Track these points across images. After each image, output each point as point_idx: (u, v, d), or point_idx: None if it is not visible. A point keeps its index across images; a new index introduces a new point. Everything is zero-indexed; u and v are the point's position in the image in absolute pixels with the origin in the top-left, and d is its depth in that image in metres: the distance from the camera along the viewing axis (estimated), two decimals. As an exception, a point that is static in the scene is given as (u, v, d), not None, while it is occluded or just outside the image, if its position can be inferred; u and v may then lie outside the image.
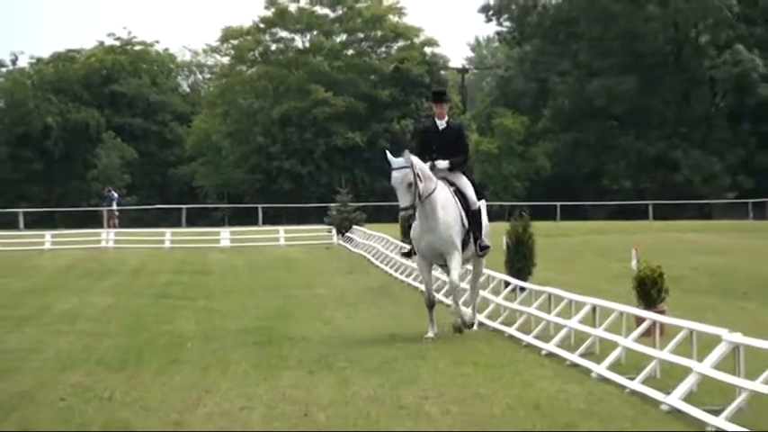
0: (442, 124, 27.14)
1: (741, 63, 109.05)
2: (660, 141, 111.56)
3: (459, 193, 26.57)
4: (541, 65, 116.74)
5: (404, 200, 25.27)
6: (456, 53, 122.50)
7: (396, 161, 25.54)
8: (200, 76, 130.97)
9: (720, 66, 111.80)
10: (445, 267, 28.30)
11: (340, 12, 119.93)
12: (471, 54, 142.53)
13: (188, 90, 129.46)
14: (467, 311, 28.12)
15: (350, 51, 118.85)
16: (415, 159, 25.59)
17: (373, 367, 21.55)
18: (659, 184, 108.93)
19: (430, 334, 25.85)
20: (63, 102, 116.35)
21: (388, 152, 27.14)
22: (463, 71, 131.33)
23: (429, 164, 26.37)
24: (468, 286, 30.40)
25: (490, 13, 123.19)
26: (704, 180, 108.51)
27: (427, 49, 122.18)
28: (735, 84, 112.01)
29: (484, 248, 27.15)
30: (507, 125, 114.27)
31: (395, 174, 25.25)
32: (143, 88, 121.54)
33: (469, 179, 28.13)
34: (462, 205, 26.52)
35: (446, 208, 25.84)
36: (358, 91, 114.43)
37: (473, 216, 26.62)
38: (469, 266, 29.79)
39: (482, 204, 27.90)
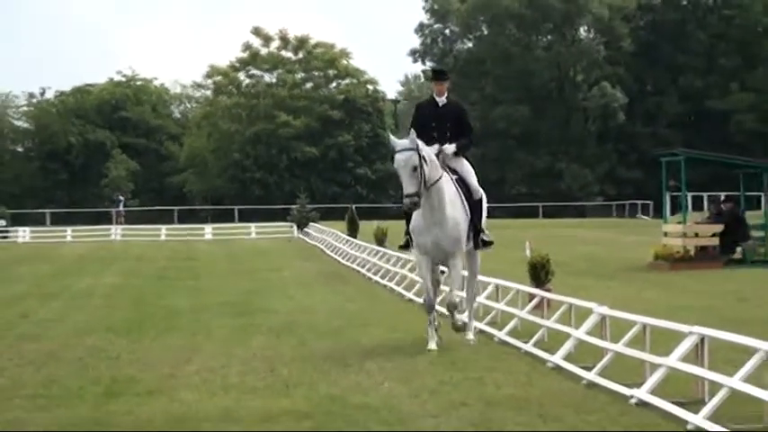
0: (441, 101, 19.42)
1: (606, 96, 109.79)
2: (547, 156, 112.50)
3: (462, 182, 19.03)
4: (456, 96, 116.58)
5: (409, 185, 17.72)
6: (390, 87, 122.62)
7: (399, 142, 18.31)
8: (188, 105, 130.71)
9: (591, 98, 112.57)
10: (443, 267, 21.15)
11: (301, 55, 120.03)
12: (402, 88, 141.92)
13: (179, 116, 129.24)
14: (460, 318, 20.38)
15: (308, 85, 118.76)
16: (421, 142, 18.22)
17: (326, 333, 21.59)
18: (547, 189, 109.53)
19: (432, 345, 18.45)
20: (82, 125, 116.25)
21: (390, 134, 20.52)
22: (396, 101, 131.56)
23: (435, 147, 18.59)
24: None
25: (417, 55, 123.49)
26: (580, 187, 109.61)
27: (369, 86, 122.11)
28: (602, 112, 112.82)
29: (486, 243, 19.69)
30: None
31: (398, 156, 17.97)
32: (144, 114, 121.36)
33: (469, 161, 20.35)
34: (465, 195, 19.10)
35: (453, 201, 18.47)
36: (313, 115, 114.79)
37: (475, 206, 19.21)
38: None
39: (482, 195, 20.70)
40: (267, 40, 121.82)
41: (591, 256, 42.14)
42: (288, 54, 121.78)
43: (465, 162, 18.81)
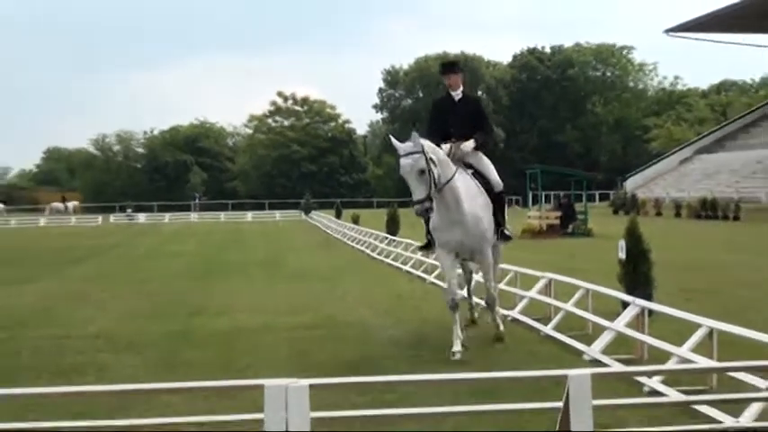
0: (457, 95, 12.80)
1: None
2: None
3: (479, 176, 12.52)
4: (403, 136, 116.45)
5: (418, 191, 11.12)
6: (361, 126, 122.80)
7: (403, 146, 11.43)
8: (237, 138, 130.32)
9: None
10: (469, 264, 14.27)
11: (305, 108, 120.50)
12: (368, 127, 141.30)
13: (232, 145, 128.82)
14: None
15: (309, 126, 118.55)
16: (426, 142, 11.51)
17: (322, 279, 21.36)
18: None
19: (457, 347, 11.32)
20: (174, 150, 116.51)
21: (392, 137, 12.39)
22: (365, 136, 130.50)
23: (449, 145, 12.08)
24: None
25: (377, 107, 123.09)
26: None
27: (346, 125, 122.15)
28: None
29: (507, 238, 13.10)
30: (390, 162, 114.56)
31: (403, 161, 11.38)
32: (211, 144, 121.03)
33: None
34: (485, 188, 12.54)
35: (472, 196, 11.98)
36: (312, 144, 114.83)
37: (496, 200, 12.62)
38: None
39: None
40: (285, 98, 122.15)
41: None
42: (296, 107, 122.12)
43: (482, 156, 12.35)
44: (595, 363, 10.19)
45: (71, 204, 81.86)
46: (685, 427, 7.34)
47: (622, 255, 12.33)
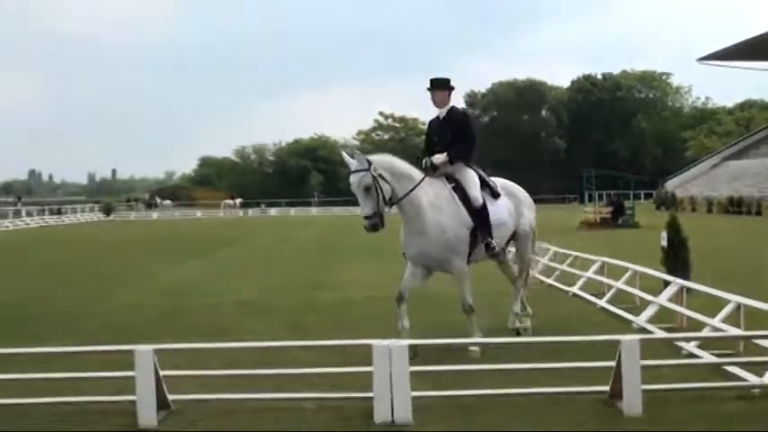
0: (442, 113, 9.73)
1: (557, 144, 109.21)
2: (527, 174, 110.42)
3: (461, 190, 9.46)
4: (482, 149, 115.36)
5: (364, 206, 8.87)
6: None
7: (351, 163, 9.02)
8: (347, 148, 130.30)
9: (551, 145, 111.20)
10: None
11: (401, 124, 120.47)
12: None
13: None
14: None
15: (404, 138, 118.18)
16: (378, 158, 9.18)
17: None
18: (530, 189, 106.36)
19: (404, 334, 8.81)
20: (296, 158, 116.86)
21: (344, 153, 9.60)
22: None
23: (425, 161, 9.58)
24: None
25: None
26: (546, 190, 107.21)
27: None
28: (554, 153, 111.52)
29: (490, 248, 9.53)
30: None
31: (351, 178, 9.00)
32: (328, 153, 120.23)
33: (477, 172, 9.80)
34: (465, 204, 9.42)
35: (438, 207, 9.21)
36: (407, 152, 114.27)
37: (476, 214, 9.39)
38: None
39: (499, 204, 9.84)
40: (385, 117, 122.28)
41: (551, 222, 41.70)
42: (395, 124, 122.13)
43: (467, 171, 9.55)
44: (642, 330, 10.05)
45: (237, 201, 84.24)
46: (717, 384, 7.26)
47: (664, 243, 12.10)
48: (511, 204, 10.00)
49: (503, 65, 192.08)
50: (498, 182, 10.07)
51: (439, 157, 9.41)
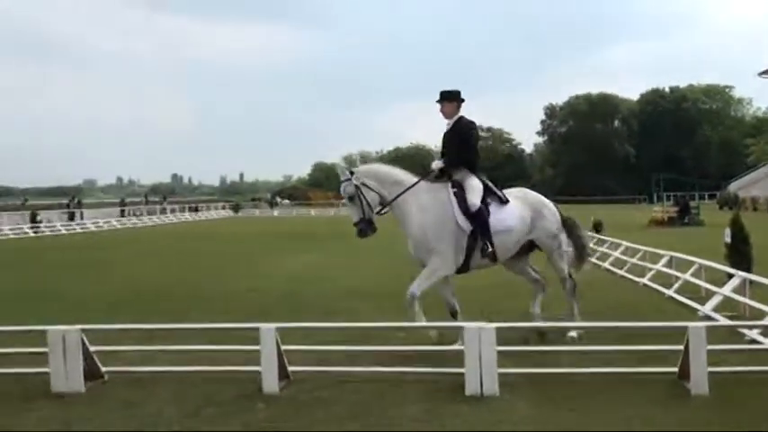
0: (449, 123, 8.79)
1: (626, 150, 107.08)
2: (607, 179, 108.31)
3: (461, 195, 8.48)
4: (560, 155, 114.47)
5: (352, 214, 8.52)
6: (528, 146, 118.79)
7: (340, 174, 8.70)
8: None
9: (621, 151, 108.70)
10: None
11: (489, 134, 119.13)
12: (533, 148, 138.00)
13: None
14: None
15: (491, 146, 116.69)
16: (365, 168, 8.90)
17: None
18: (602, 190, 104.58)
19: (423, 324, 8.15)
20: (395, 165, 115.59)
21: (337, 166, 11.17)
22: (531, 154, 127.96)
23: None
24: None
25: (541, 133, 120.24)
26: (620, 191, 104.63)
27: (518, 146, 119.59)
28: (625, 159, 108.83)
29: (486, 253, 8.39)
30: (549, 172, 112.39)
31: (340, 188, 8.59)
32: (419, 161, 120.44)
33: (483, 180, 8.73)
34: (462, 207, 8.39)
35: (425, 209, 8.39)
36: (493, 159, 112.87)
37: (473, 219, 8.34)
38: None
39: (507, 210, 8.64)
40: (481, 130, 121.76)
41: (622, 220, 40.72)
42: (482, 133, 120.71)
43: (470, 178, 8.62)
44: (707, 318, 9.69)
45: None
46: (778, 367, 6.94)
47: (728, 239, 11.65)
48: (526, 212, 8.83)
49: (578, 79, 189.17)
50: (517, 191, 9.13)
51: (437, 164, 8.75)
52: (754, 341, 8.05)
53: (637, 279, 13.97)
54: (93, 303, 12.41)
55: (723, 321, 9.31)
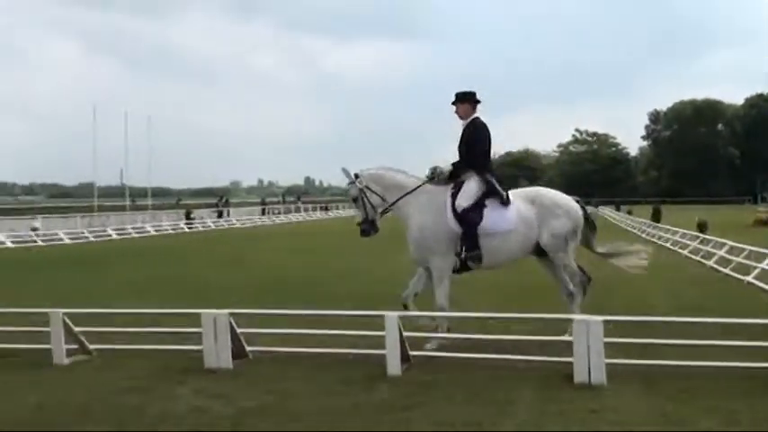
0: (462, 124, 8.00)
1: (728, 150, 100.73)
2: (702, 178, 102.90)
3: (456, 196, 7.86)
4: (665, 159, 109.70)
5: (358, 215, 8.20)
6: (633, 150, 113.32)
7: (345, 177, 8.16)
8: (549, 159, 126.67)
9: (726, 152, 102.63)
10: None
11: (595, 138, 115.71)
12: (638, 152, 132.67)
13: (544, 163, 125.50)
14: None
15: (598, 150, 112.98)
16: (369, 172, 8.10)
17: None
18: (703, 191, 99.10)
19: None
20: (504, 168, 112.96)
21: (343, 170, 8.21)
22: (636, 157, 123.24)
23: (432, 169, 8.14)
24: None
25: (645, 137, 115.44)
26: (720, 192, 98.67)
27: (623, 150, 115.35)
28: (729, 160, 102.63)
29: (469, 255, 7.81)
30: (653, 173, 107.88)
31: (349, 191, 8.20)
32: (530, 162, 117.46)
33: (485, 180, 7.88)
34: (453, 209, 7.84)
35: (425, 210, 7.88)
36: (599, 162, 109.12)
37: (461, 219, 7.72)
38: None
39: (504, 212, 7.89)
40: (580, 132, 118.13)
41: (726, 220, 38.61)
42: (588, 138, 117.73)
43: (469, 179, 7.90)
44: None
45: None
46: None
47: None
48: (530, 213, 7.99)
49: (683, 86, 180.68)
50: (530, 191, 8.32)
51: (443, 168, 8.10)
52: None
53: (741, 277, 13.24)
54: (241, 290, 12.91)
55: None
